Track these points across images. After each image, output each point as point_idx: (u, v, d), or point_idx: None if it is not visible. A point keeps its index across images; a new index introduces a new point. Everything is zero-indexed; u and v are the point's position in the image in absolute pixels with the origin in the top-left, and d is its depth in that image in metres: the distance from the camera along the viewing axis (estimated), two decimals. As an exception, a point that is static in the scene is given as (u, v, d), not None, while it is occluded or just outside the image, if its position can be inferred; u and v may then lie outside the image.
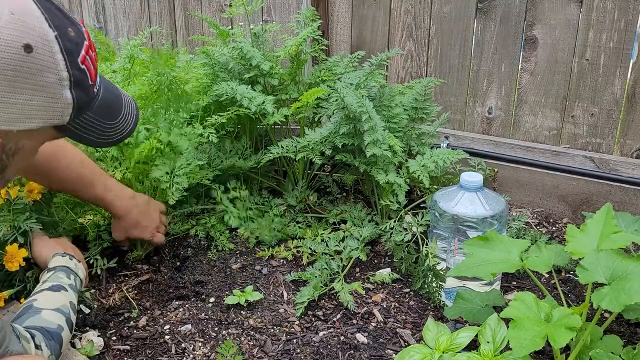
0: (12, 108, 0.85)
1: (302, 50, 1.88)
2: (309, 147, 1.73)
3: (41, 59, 0.86)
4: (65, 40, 0.89)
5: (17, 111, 0.86)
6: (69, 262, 1.36)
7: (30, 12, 0.85)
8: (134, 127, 1.12)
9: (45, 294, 1.23)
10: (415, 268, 1.56)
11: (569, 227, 1.27)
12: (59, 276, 1.30)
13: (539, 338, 1.04)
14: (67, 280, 1.30)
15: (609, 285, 1.09)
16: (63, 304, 1.22)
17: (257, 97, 1.71)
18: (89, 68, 0.95)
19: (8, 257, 1.33)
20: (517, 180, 2.03)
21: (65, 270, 1.33)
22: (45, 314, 1.17)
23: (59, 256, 1.37)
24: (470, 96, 2.09)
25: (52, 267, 1.34)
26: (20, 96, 0.85)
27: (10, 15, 0.82)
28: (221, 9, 2.56)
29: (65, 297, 1.25)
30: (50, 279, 1.29)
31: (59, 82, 0.90)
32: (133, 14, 2.87)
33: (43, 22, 0.86)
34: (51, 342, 1.12)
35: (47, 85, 0.88)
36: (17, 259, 1.33)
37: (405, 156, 1.76)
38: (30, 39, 0.84)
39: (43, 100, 0.89)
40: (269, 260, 1.70)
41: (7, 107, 0.85)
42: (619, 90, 1.84)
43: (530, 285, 1.59)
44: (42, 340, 1.10)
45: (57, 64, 0.88)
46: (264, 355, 1.35)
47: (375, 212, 1.82)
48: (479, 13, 2.00)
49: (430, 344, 1.29)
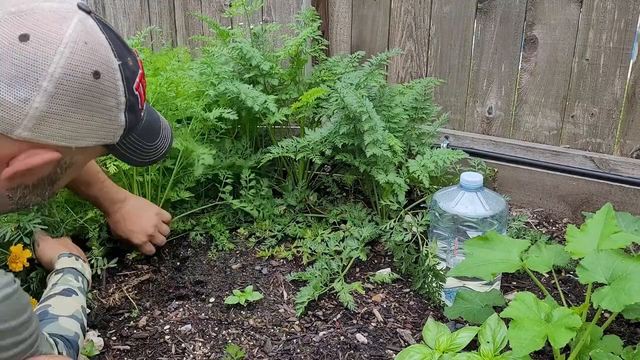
0: (75, 126, 0.93)
1: (302, 50, 1.88)
2: (309, 147, 1.73)
3: (106, 84, 0.95)
4: (126, 68, 0.98)
5: (78, 129, 0.94)
6: (76, 264, 1.37)
7: (100, 42, 0.94)
8: (168, 149, 1.20)
9: (58, 299, 1.24)
10: (415, 268, 1.56)
11: (569, 227, 1.27)
12: (68, 279, 1.31)
13: (539, 338, 1.04)
14: (76, 283, 1.31)
15: (609, 285, 1.09)
16: (76, 310, 1.23)
17: (259, 96, 1.71)
18: (141, 94, 1.04)
19: (12, 258, 1.33)
20: (517, 180, 2.03)
21: (73, 273, 1.33)
22: (62, 321, 1.18)
23: (65, 257, 1.38)
24: (470, 96, 2.10)
25: (59, 269, 1.34)
26: (83, 116, 0.94)
27: (84, 45, 0.91)
28: (221, 9, 2.56)
29: (77, 302, 1.26)
30: (60, 282, 1.29)
31: (117, 106, 0.99)
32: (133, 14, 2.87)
33: (110, 52, 0.95)
34: (70, 350, 1.13)
35: (108, 108, 0.97)
36: (21, 260, 1.33)
37: (405, 156, 1.76)
38: (99, 66, 0.93)
39: (102, 122, 0.97)
40: (269, 260, 1.70)
41: (71, 126, 0.93)
42: (619, 90, 1.84)
43: (530, 285, 1.59)
44: (64, 349, 1.11)
45: (117, 90, 0.97)
46: (264, 355, 1.35)
47: (375, 212, 1.82)
48: (479, 13, 2.00)
49: (430, 344, 1.29)
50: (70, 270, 1.34)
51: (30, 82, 0.87)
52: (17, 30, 0.87)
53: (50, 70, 0.88)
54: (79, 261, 1.39)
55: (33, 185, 0.98)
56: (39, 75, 0.87)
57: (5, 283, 0.87)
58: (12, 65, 0.86)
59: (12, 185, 0.95)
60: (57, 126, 0.91)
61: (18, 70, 0.86)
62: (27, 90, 0.87)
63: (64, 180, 1.05)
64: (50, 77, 0.88)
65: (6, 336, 0.86)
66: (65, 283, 1.29)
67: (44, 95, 0.88)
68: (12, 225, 1.37)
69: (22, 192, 0.98)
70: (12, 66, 0.86)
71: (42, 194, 1.03)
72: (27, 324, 0.90)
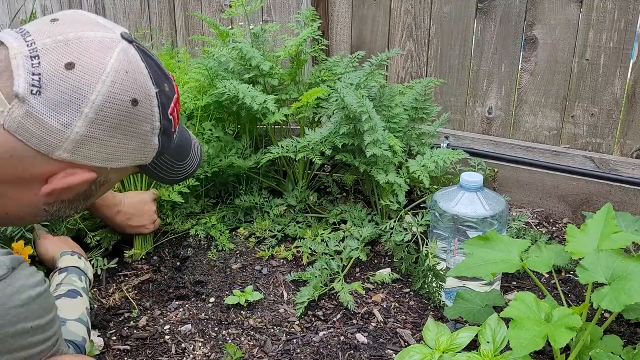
0: (111, 150, 0.98)
1: (302, 50, 1.88)
2: (309, 147, 1.73)
3: (143, 111, 0.99)
4: (162, 95, 1.03)
5: (114, 152, 0.99)
6: (79, 262, 1.38)
7: (140, 71, 0.99)
8: (197, 168, 1.24)
9: (64, 302, 1.25)
10: (415, 268, 1.56)
11: (569, 227, 1.27)
12: (72, 279, 1.32)
13: (539, 338, 1.04)
14: (80, 284, 1.32)
15: (609, 285, 1.09)
16: (82, 312, 1.24)
17: (259, 96, 1.71)
18: (174, 118, 1.08)
19: None
20: (517, 180, 2.03)
21: (77, 272, 1.35)
22: (70, 325, 1.19)
23: (67, 255, 1.39)
24: (470, 96, 2.10)
25: (63, 268, 1.35)
26: (120, 140, 0.99)
27: (125, 74, 0.95)
28: (221, 9, 2.56)
29: (82, 304, 1.27)
30: (65, 282, 1.30)
31: (152, 130, 1.03)
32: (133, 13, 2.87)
33: (148, 80, 1.00)
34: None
35: (143, 133, 1.02)
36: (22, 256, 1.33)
37: (405, 156, 1.76)
38: (137, 94, 0.97)
39: (136, 145, 1.02)
40: (269, 260, 1.70)
41: (108, 149, 0.98)
42: (619, 90, 1.84)
43: (530, 285, 1.59)
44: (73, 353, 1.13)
45: (153, 116, 1.02)
46: (264, 355, 1.35)
47: (375, 212, 1.82)
48: (479, 13, 2.00)
49: (430, 344, 1.29)
50: (74, 270, 1.35)
51: (73, 108, 0.91)
52: (63, 58, 0.91)
53: (92, 98, 0.92)
54: (81, 260, 1.39)
55: (69, 200, 1.03)
56: (82, 102, 0.92)
57: (38, 281, 0.91)
58: (57, 91, 0.90)
59: (50, 201, 1.00)
60: (95, 149, 0.96)
61: (62, 96, 0.90)
62: (69, 116, 0.91)
63: (97, 196, 1.10)
64: (92, 104, 0.92)
65: (37, 333, 0.90)
66: (70, 283, 1.30)
67: (85, 121, 0.92)
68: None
69: (59, 206, 1.03)
70: (57, 92, 0.90)
71: (76, 207, 1.08)
72: (53, 323, 0.94)
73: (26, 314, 0.87)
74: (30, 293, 0.88)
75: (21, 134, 0.90)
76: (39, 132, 0.90)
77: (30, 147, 0.91)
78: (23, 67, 0.89)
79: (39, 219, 1.05)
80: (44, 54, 0.91)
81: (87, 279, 1.37)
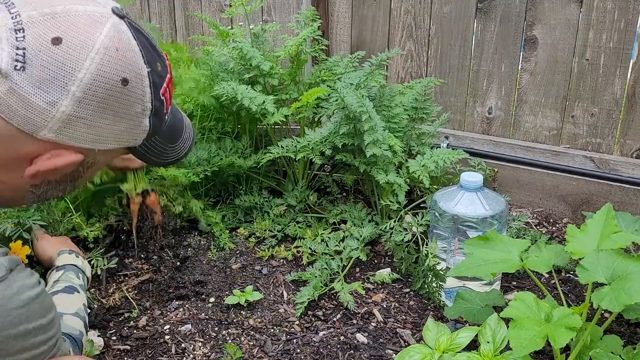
0: (99, 131, 0.93)
1: (302, 50, 1.88)
2: (309, 147, 1.73)
3: (133, 91, 0.94)
4: (154, 74, 0.97)
5: (102, 133, 0.94)
6: (76, 260, 1.38)
7: (131, 49, 0.93)
8: (189, 151, 1.18)
9: (61, 297, 1.24)
10: (415, 268, 1.56)
11: (569, 227, 1.27)
12: (70, 276, 1.31)
13: (539, 338, 1.04)
14: (78, 281, 1.32)
15: (609, 285, 1.09)
16: (79, 307, 1.24)
17: (257, 97, 1.71)
18: (167, 99, 1.03)
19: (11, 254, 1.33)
20: (517, 180, 2.03)
21: (74, 270, 1.34)
22: (66, 319, 1.19)
23: (65, 254, 1.38)
24: (470, 96, 2.09)
25: (60, 265, 1.34)
26: (108, 121, 0.93)
27: (115, 52, 0.90)
28: (221, 9, 2.56)
29: (79, 300, 1.27)
30: (62, 279, 1.30)
31: (143, 112, 0.98)
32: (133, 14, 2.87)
33: (139, 59, 0.94)
34: (76, 349, 1.15)
35: (133, 114, 0.96)
36: (20, 256, 1.33)
37: (405, 156, 1.76)
38: (128, 73, 0.92)
39: (126, 126, 0.97)
40: (269, 260, 1.70)
41: (96, 130, 0.93)
42: (619, 90, 1.84)
43: (530, 285, 1.59)
44: (70, 346, 1.12)
45: (144, 96, 0.96)
46: (264, 355, 1.35)
47: (375, 212, 1.82)
48: (479, 13, 2.00)
49: (430, 344, 1.29)
50: (71, 268, 1.34)
51: (59, 86, 0.87)
52: (50, 32, 0.86)
53: (79, 76, 0.87)
54: (79, 258, 1.39)
55: (55, 182, 0.99)
56: (68, 80, 0.87)
57: (35, 282, 0.90)
58: (42, 68, 0.85)
59: (36, 182, 0.96)
60: (82, 130, 0.92)
61: (48, 73, 0.86)
62: (55, 94, 0.87)
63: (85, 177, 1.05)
64: (79, 83, 0.88)
65: (39, 333, 0.89)
66: (67, 280, 1.30)
67: (72, 100, 0.88)
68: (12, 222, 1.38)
69: (45, 187, 0.99)
70: (42, 69, 0.85)
71: (64, 189, 1.04)
72: (53, 322, 0.93)
73: (27, 315, 0.86)
74: (29, 294, 0.87)
75: (3, 112, 0.85)
76: (23, 111, 0.86)
77: (13, 125, 0.86)
78: (7, 41, 0.84)
79: (26, 201, 1.02)
80: (29, 27, 0.85)
81: (84, 276, 1.37)
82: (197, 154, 1.79)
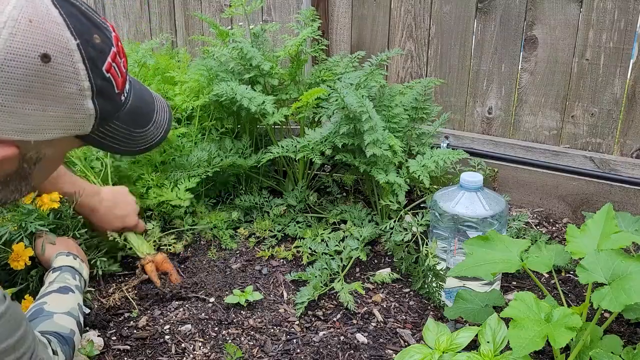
0: (28, 119, 0.81)
1: (302, 50, 1.88)
2: (309, 147, 1.73)
3: (60, 69, 0.82)
4: (89, 47, 0.84)
5: (33, 122, 0.82)
6: (74, 262, 1.37)
7: (51, 19, 0.81)
8: (164, 135, 1.04)
9: (54, 297, 1.22)
10: (415, 268, 1.56)
11: (569, 227, 1.27)
12: (65, 277, 1.30)
13: (539, 338, 1.04)
14: (73, 281, 1.30)
15: (609, 285, 1.09)
16: (72, 307, 1.23)
17: (257, 97, 1.71)
18: (115, 76, 0.90)
19: (14, 256, 1.34)
20: (517, 180, 2.03)
21: (70, 271, 1.33)
22: (57, 318, 1.16)
23: (63, 255, 1.37)
24: (470, 96, 2.09)
25: (57, 267, 1.34)
26: (36, 107, 0.81)
27: (28, 24, 0.78)
28: (221, 9, 2.56)
29: (73, 299, 1.25)
30: (57, 279, 1.29)
31: (80, 92, 0.85)
32: (133, 14, 2.87)
33: (64, 30, 0.81)
34: (65, 347, 1.12)
35: (66, 96, 0.84)
36: (23, 258, 1.34)
37: (405, 156, 1.76)
38: (48, 48, 0.80)
39: (62, 111, 0.84)
40: (269, 260, 1.70)
41: (20, 118, 0.81)
42: (619, 90, 1.84)
43: (530, 285, 1.59)
44: (58, 346, 1.09)
45: (77, 74, 0.84)
46: (264, 355, 1.35)
47: (375, 212, 1.82)
48: (479, 13, 2.00)
49: (430, 344, 1.29)
50: (67, 269, 1.33)
51: None
52: None
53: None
54: (76, 260, 1.39)
55: (2, 182, 0.89)
56: None
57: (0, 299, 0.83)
58: None
59: None
60: (5, 119, 0.80)
61: None
62: None
63: (38, 175, 0.94)
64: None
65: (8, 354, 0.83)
66: (62, 281, 1.29)
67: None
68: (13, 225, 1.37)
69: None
70: None
71: (18, 189, 0.93)
72: (24, 339, 0.88)
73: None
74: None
75: None
76: None
77: None
78: None
79: None
80: None
81: (81, 278, 1.35)
82: (197, 155, 1.79)
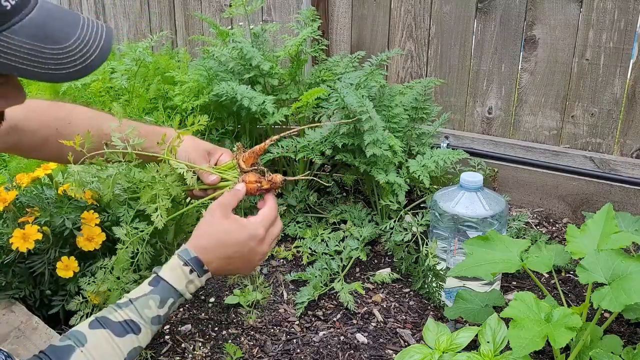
0: None
1: (302, 50, 1.88)
2: (309, 147, 1.73)
3: None
4: None
5: None
6: (180, 282, 1.04)
7: None
8: (100, 57, 0.83)
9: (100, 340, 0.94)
10: (415, 268, 1.56)
11: (569, 227, 1.27)
12: (147, 305, 1.00)
13: (539, 338, 1.04)
14: (154, 311, 1.01)
15: (609, 285, 1.09)
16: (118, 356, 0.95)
17: (257, 97, 1.71)
18: None
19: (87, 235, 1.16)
20: (517, 180, 2.03)
21: (164, 294, 1.02)
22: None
23: (167, 270, 1.05)
24: (470, 96, 2.09)
25: (153, 280, 1.04)
26: None
27: None
28: (221, 9, 2.56)
29: (129, 343, 0.97)
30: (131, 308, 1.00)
31: None
32: (133, 14, 2.87)
33: None
34: None
35: None
36: (96, 240, 1.17)
37: (405, 156, 1.76)
38: None
39: None
40: (269, 260, 1.70)
41: None
42: (619, 90, 1.84)
43: (530, 285, 1.59)
44: None
45: None
46: (264, 355, 1.35)
47: (375, 212, 1.82)
48: (479, 13, 2.00)
49: (430, 344, 1.29)
50: (163, 290, 1.02)
51: None
52: None
53: None
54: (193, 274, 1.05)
55: None
56: None
57: None
58: None
59: None
60: None
61: None
62: None
63: None
64: None
65: None
66: (135, 314, 0.99)
67: None
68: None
69: None
70: None
71: None
72: None
73: None
74: None
75: None
76: None
77: None
78: None
79: None
80: None
81: (175, 304, 1.04)
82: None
